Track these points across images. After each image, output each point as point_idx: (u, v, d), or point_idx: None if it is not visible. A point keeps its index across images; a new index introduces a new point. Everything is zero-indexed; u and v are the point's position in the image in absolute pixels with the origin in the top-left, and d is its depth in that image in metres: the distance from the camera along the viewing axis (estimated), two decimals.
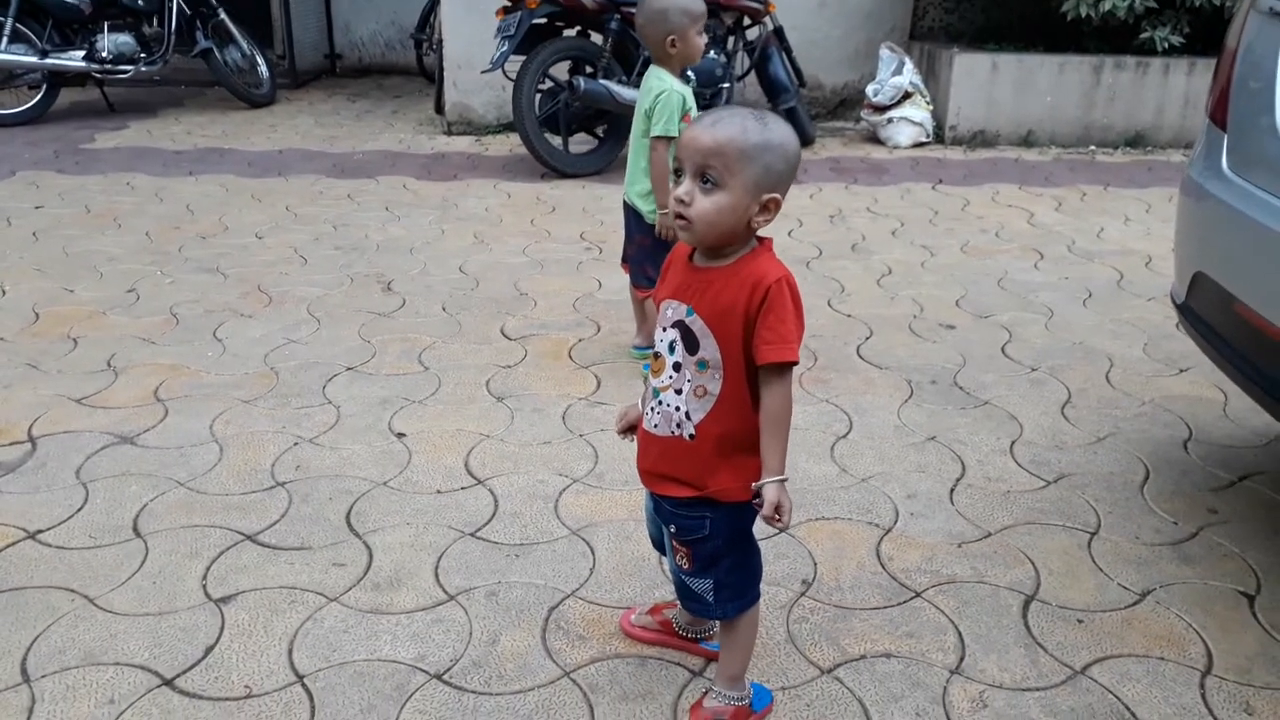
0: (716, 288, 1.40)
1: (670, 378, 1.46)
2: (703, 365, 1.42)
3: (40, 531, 2.14)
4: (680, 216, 1.37)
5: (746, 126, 1.35)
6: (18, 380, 2.85)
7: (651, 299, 2.83)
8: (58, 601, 1.92)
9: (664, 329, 1.46)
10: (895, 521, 2.23)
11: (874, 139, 6.44)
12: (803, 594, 1.97)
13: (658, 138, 2.71)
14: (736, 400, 1.43)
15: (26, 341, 3.12)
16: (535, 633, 1.85)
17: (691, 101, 2.75)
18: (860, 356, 3.12)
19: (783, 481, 1.42)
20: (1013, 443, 2.59)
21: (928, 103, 6.33)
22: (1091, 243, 4.34)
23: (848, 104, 6.97)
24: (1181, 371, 3.02)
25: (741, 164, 1.34)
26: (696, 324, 1.41)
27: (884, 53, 6.44)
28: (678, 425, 1.47)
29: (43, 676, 1.72)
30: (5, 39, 6.19)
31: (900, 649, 1.82)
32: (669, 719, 1.66)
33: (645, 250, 2.89)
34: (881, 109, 6.31)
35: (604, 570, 2.04)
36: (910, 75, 6.28)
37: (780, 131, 1.37)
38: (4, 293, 3.53)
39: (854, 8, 6.75)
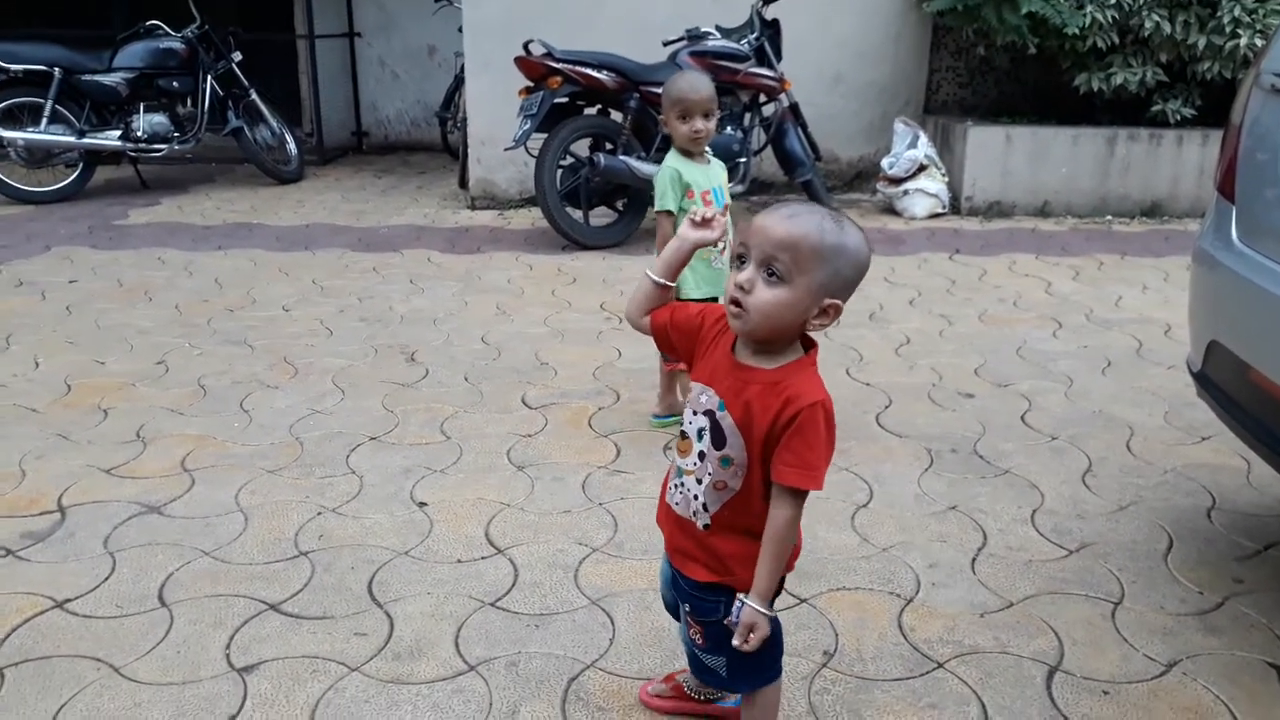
0: (752, 392, 1.36)
1: (694, 464, 1.44)
2: (726, 462, 1.40)
3: (68, 600, 2.16)
4: (736, 303, 1.33)
5: (824, 226, 1.31)
6: (49, 450, 2.91)
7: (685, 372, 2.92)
8: (84, 670, 1.93)
9: (695, 412, 1.43)
10: (917, 591, 2.22)
11: (890, 210, 6.52)
12: (824, 665, 1.96)
13: (657, 212, 2.84)
14: (754, 497, 1.41)
15: (58, 413, 3.19)
16: (555, 704, 1.85)
17: (694, 177, 2.81)
18: (880, 425, 3.13)
19: (763, 611, 1.39)
20: (1034, 512, 2.58)
21: (943, 174, 6.43)
22: (1110, 311, 4.36)
23: (863, 176, 7.09)
24: (1203, 439, 3.01)
25: (813, 263, 1.30)
26: (726, 421, 1.39)
27: (899, 126, 6.56)
28: (694, 513, 1.46)
29: None
30: (45, 119, 6.42)
31: None
32: None
33: None
34: (897, 181, 6.41)
35: (624, 640, 2.04)
36: (925, 148, 6.39)
37: (856, 237, 1.34)
38: (37, 365, 3.62)
39: (868, 84, 6.90)
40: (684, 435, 1.46)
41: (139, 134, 6.71)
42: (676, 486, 1.49)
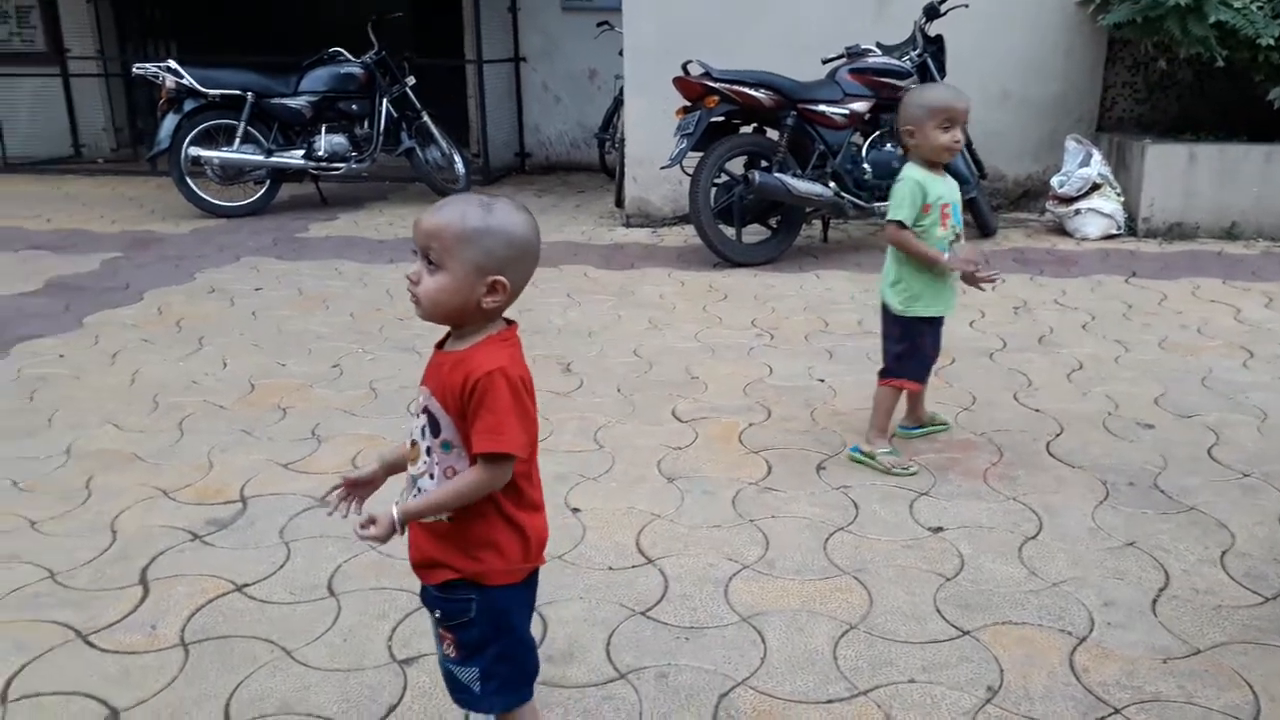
0: (446, 370, 1.41)
1: (425, 463, 1.45)
2: (447, 446, 1.42)
3: (247, 585, 2.30)
4: (412, 294, 1.41)
5: (466, 212, 1.38)
6: (234, 445, 3.11)
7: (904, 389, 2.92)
8: (259, 652, 2.04)
9: (415, 415, 1.47)
10: (1090, 630, 2.08)
11: (1060, 230, 6.22)
12: (988, 701, 1.86)
13: (889, 221, 2.77)
14: None
15: (243, 410, 3.41)
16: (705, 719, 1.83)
17: (938, 190, 2.73)
18: (1050, 454, 2.97)
19: (394, 517, 1.40)
20: (1223, 553, 2.38)
21: (1118, 194, 6.09)
22: None
23: (1030, 195, 6.79)
24: None
25: (460, 246, 1.37)
26: (435, 406, 1.42)
27: (1070, 144, 6.26)
28: None
29: None
30: (238, 140, 6.92)
31: None
32: None
33: (890, 339, 2.93)
34: (1068, 200, 6.11)
35: (775, 660, 2.00)
36: (1099, 166, 6.07)
37: (502, 217, 1.39)
38: (225, 365, 3.88)
39: (1037, 100, 6.62)
40: (413, 444, 1.47)
41: (320, 153, 7.13)
42: (414, 496, 1.47)
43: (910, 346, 2.87)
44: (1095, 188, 6.04)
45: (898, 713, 1.84)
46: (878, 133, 5.66)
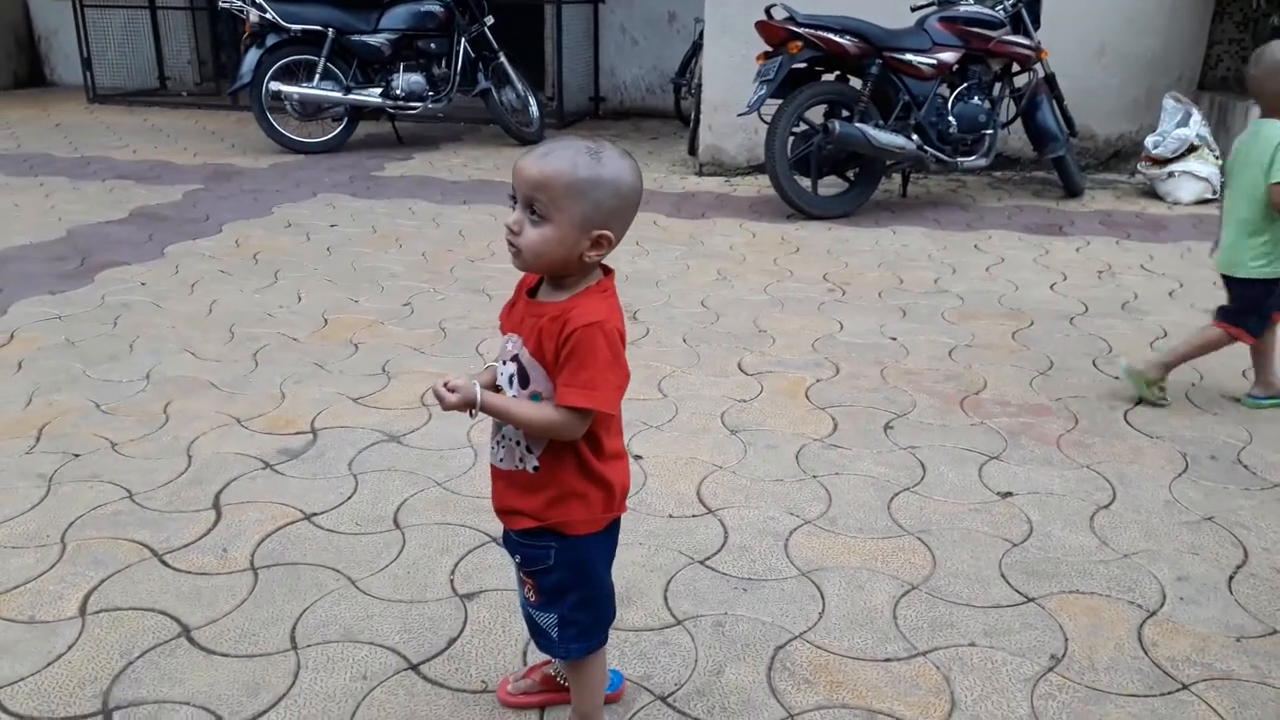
0: (543, 323, 1.36)
1: None
2: (536, 398, 1.39)
3: (315, 514, 2.35)
4: (511, 244, 1.35)
5: (577, 161, 1.30)
6: (306, 377, 3.17)
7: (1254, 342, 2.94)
8: (325, 579, 2.10)
9: (503, 363, 1.44)
10: (1162, 604, 2.02)
11: (1151, 193, 5.97)
12: (1050, 669, 1.83)
13: (1276, 184, 2.71)
14: None
15: (316, 344, 3.47)
16: (760, 670, 1.82)
17: None
18: (1128, 423, 2.87)
19: (474, 399, 1.35)
20: None
21: (1216, 157, 5.81)
22: None
23: (1122, 156, 6.53)
24: None
25: (569, 199, 1.30)
26: (525, 357, 1.39)
27: (1168, 103, 5.98)
28: (520, 459, 1.43)
29: (308, 645, 1.88)
30: (317, 76, 6.97)
31: None
32: None
33: (1249, 300, 2.92)
34: (1162, 162, 5.85)
35: (833, 616, 1.98)
36: (1198, 127, 5.79)
37: (614, 166, 1.32)
38: (300, 299, 3.95)
39: (1136, 56, 6.32)
40: (497, 389, 1.45)
41: (398, 92, 7.15)
42: (498, 443, 1.46)
43: (1262, 304, 2.89)
44: (1192, 149, 5.77)
45: (956, 675, 1.81)
46: (966, 85, 5.46)
